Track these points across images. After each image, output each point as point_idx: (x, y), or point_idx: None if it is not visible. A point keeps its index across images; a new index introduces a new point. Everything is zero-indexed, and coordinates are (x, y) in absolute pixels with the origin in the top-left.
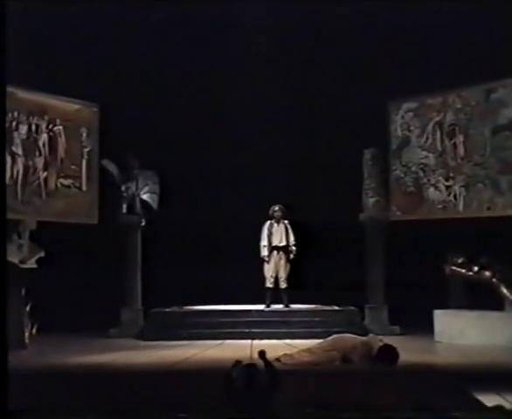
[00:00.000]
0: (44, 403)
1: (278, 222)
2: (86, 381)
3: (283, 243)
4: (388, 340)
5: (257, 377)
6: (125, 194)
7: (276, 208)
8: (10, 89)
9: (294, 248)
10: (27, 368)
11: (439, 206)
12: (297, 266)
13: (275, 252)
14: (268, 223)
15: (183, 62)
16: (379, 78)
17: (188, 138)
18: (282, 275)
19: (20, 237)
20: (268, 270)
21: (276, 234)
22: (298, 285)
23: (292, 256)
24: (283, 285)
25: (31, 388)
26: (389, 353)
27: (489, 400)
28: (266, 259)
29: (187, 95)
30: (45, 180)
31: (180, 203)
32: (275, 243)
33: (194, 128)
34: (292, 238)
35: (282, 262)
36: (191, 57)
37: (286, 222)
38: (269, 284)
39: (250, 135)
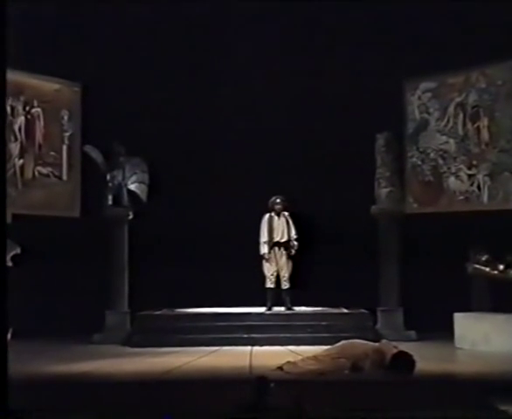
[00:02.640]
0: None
1: (278, 215)
2: (65, 393)
3: (285, 239)
4: (403, 346)
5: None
6: (110, 184)
7: (277, 200)
8: None
9: (295, 243)
10: None
11: (461, 197)
12: (301, 264)
13: (276, 249)
14: (268, 216)
15: (177, 40)
16: (394, 55)
17: (180, 121)
18: (284, 274)
19: None
20: (269, 268)
21: (277, 228)
22: (302, 285)
23: (293, 251)
24: (285, 284)
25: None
26: (404, 360)
27: None
28: (267, 257)
29: (180, 73)
30: (21, 168)
31: (171, 194)
32: (276, 238)
33: (187, 111)
34: (293, 232)
35: (284, 259)
36: (186, 35)
37: (286, 214)
38: (270, 284)
39: (248, 118)
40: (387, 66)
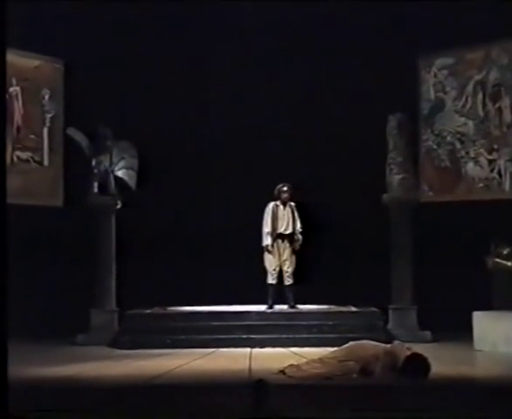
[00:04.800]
0: None
1: (284, 204)
2: (46, 399)
3: (289, 231)
4: (417, 348)
5: None
6: (96, 170)
7: (284, 187)
8: None
9: (300, 237)
10: None
11: (480, 184)
12: (306, 258)
13: (280, 241)
14: (272, 205)
15: (170, 14)
16: (407, 29)
17: (173, 101)
18: (288, 269)
19: None
20: (271, 262)
21: (282, 219)
22: (307, 281)
23: (298, 246)
24: (289, 280)
25: None
26: (418, 364)
27: None
28: (270, 249)
29: (175, 47)
30: None
31: (163, 181)
32: (281, 230)
33: (181, 89)
34: (298, 225)
35: (288, 253)
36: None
37: (293, 204)
38: (272, 279)
39: (249, 97)
40: (400, 41)
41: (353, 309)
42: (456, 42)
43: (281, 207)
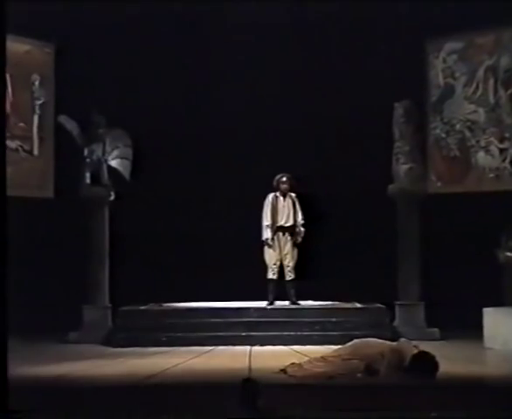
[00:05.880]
0: None
1: (284, 195)
2: (36, 398)
3: (290, 223)
4: (424, 345)
5: None
6: (88, 159)
7: (284, 178)
8: None
9: (302, 229)
10: None
11: (491, 175)
12: (308, 252)
13: (281, 234)
14: (272, 196)
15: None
16: (414, 10)
17: (169, 88)
18: (289, 263)
19: None
20: (271, 257)
21: (282, 211)
22: (309, 276)
23: (299, 239)
24: (290, 275)
25: None
26: (425, 362)
27: None
28: (270, 243)
29: (171, 32)
30: None
31: (158, 172)
32: (281, 222)
33: (178, 75)
34: (300, 217)
35: (289, 246)
36: None
37: (293, 195)
38: (272, 274)
39: (250, 84)
40: (406, 24)
41: (357, 305)
42: (465, 25)
43: (281, 198)
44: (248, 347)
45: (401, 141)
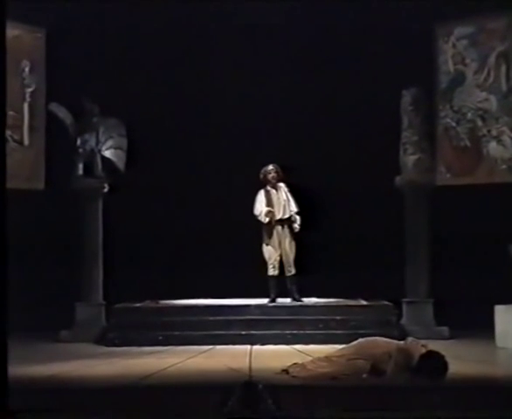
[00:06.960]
0: None
1: (275, 188)
2: (27, 399)
3: (287, 215)
4: (433, 345)
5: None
6: (81, 149)
7: (269, 167)
8: None
9: (297, 217)
10: None
11: (504, 166)
12: (311, 246)
13: (280, 228)
14: (263, 191)
15: None
16: None
17: (165, 75)
18: (289, 257)
19: None
20: (270, 253)
21: (278, 204)
22: (312, 272)
23: (297, 227)
24: (290, 270)
25: None
26: (434, 362)
27: None
28: (265, 217)
29: (166, 20)
30: None
31: (154, 163)
32: (279, 216)
33: (173, 62)
34: (293, 205)
35: (288, 240)
36: None
37: (282, 185)
38: (273, 271)
39: (248, 73)
40: (414, 8)
41: (363, 303)
42: (476, 9)
43: (273, 191)
44: (248, 347)
45: (409, 131)
